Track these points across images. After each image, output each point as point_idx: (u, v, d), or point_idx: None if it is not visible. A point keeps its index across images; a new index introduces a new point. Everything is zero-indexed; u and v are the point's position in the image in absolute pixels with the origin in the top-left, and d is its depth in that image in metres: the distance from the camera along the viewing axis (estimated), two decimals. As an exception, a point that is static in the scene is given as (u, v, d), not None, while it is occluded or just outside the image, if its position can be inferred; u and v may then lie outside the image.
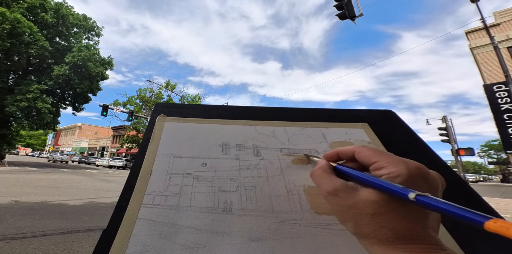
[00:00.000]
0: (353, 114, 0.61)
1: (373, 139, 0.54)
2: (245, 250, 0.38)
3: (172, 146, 0.54)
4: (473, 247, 0.38)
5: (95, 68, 16.52)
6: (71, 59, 15.34)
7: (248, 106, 0.67)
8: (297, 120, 0.63)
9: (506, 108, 9.87)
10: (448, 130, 11.01)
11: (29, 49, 14.09)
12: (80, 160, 28.49)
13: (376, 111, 0.63)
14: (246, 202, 0.46)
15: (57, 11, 15.99)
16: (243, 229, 0.41)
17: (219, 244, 0.39)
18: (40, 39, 14.33)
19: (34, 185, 7.12)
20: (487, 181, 42.16)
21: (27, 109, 14.23)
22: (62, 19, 16.40)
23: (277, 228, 0.42)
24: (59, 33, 16.71)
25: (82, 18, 17.90)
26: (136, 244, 0.37)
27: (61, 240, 2.93)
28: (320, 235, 0.40)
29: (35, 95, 14.22)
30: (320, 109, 0.64)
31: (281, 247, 0.39)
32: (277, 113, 0.66)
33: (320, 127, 0.60)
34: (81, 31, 18.36)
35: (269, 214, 0.44)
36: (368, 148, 0.29)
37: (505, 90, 9.73)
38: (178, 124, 0.60)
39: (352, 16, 6.98)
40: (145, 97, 24.26)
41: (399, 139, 0.55)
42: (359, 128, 0.57)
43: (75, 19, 17.24)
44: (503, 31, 10.98)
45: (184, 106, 0.68)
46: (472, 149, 11.47)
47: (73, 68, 15.79)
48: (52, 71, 15.77)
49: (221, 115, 0.65)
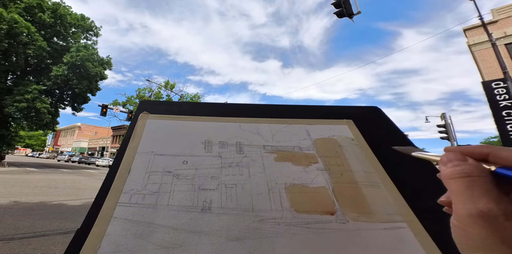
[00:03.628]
0: (339, 111, 0.61)
1: (357, 135, 0.53)
2: (222, 250, 0.38)
3: (153, 144, 0.53)
4: None
5: (93, 68, 16.49)
6: (69, 59, 15.30)
7: (233, 104, 0.66)
8: (282, 117, 0.62)
9: (505, 105, 9.85)
10: (447, 127, 11.00)
11: (27, 49, 14.05)
12: (80, 160, 28.58)
13: (362, 107, 0.62)
14: (226, 201, 0.45)
15: (55, 11, 15.92)
16: (222, 228, 0.41)
17: (195, 244, 0.39)
18: (38, 40, 14.28)
19: (34, 186, 7.13)
20: None
21: (26, 109, 14.21)
22: (60, 19, 16.33)
23: (257, 227, 0.41)
24: (57, 33, 16.66)
25: (80, 18, 17.83)
26: (109, 243, 0.37)
27: (60, 241, 2.93)
28: (299, 234, 0.39)
29: (34, 95, 14.19)
30: (306, 106, 0.63)
31: (259, 246, 0.38)
32: (263, 110, 0.65)
33: (305, 123, 0.59)
34: (79, 31, 18.30)
35: (249, 213, 0.43)
36: (509, 149, 0.21)
37: (503, 87, 9.70)
38: (161, 122, 0.59)
39: (350, 14, 6.95)
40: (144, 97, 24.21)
41: (384, 135, 0.54)
42: (343, 124, 0.57)
43: (73, 19, 17.17)
44: (501, 28, 10.94)
45: (169, 104, 0.67)
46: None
47: (72, 68, 15.75)
48: (50, 71, 15.73)
49: (206, 112, 0.64)
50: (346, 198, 0.43)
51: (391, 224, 0.39)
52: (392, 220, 0.39)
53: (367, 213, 0.40)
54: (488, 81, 10.48)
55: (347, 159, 0.49)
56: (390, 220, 0.39)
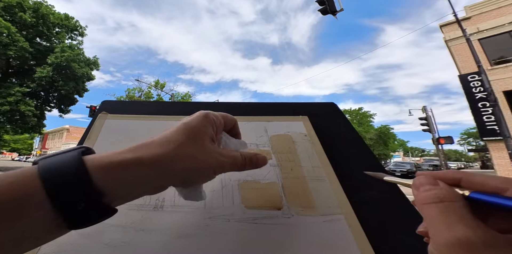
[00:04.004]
0: (298, 107, 0.61)
1: (310, 131, 0.54)
2: (170, 247, 0.38)
3: (108, 145, 0.52)
4: None
5: (80, 69, 15.93)
6: (54, 60, 14.72)
7: (198, 102, 0.66)
8: (243, 114, 0.62)
9: (480, 97, 10.27)
10: (428, 119, 11.35)
11: (7, 50, 13.40)
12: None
13: (319, 104, 0.63)
14: (179, 199, 0.45)
15: (36, 11, 15.21)
16: (172, 226, 0.41)
17: (144, 242, 0.38)
18: (20, 40, 13.64)
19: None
20: (468, 168, 43.74)
21: (9, 113, 13.62)
22: (42, 19, 15.63)
23: (207, 224, 0.41)
24: (40, 33, 15.95)
25: (64, 17, 17.11)
26: (51, 244, 0.36)
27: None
28: (247, 229, 0.40)
29: (17, 98, 13.61)
30: (265, 104, 0.64)
31: (207, 243, 0.38)
32: (225, 108, 0.65)
33: (264, 120, 0.59)
34: (63, 31, 17.58)
35: (200, 210, 0.43)
36: (481, 174, 0.21)
37: (478, 80, 10.11)
38: (121, 122, 0.58)
39: (333, 11, 7.02)
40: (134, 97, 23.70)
41: (337, 131, 0.56)
42: (299, 120, 0.57)
43: (56, 19, 16.46)
44: (474, 24, 11.38)
45: (133, 103, 0.66)
46: (451, 137, 11.89)
47: (57, 69, 15.17)
48: (34, 73, 15.10)
49: (171, 111, 0.64)
50: (293, 192, 0.43)
51: (330, 216, 0.40)
52: (331, 212, 0.40)
53: (311, 207, 0.41)
54: (464, 74, 10.90)
55: (299, 154, 0.50)
56: (330, 213, 0.40)
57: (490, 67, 10.63)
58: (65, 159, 0.23)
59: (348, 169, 0.47)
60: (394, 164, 19.25)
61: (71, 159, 0.23)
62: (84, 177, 0.22)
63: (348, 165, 0.48)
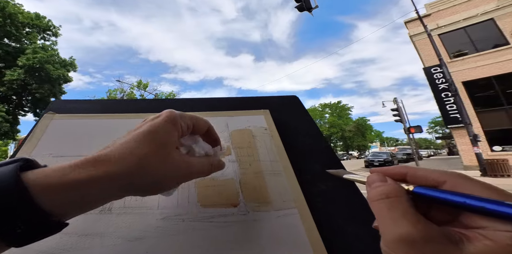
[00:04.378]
0: (260, 101, 0.59)
1: (270, 125, 0.52)
2: (117, 252, 0.34)
3: (53, 145, 0.46)
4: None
5: (55, 71, 14.88)
6: (25, 62, 13.61)
7: (156, 99, 0.62)
8: (207, 110, 0.58)
9: (443, 88, 10.90)
10: (399, 110, 11.88)
11: (-28, 53, 12.21)
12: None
13: (281, 97, 0.61)
14: (130, 200, 0.40)
15: (2, 10, 13.90)
16: (120, 229, 0.36)
17: (86, 247, 0.34)
18: (-15, 42, 12.46)
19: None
20: (437, 155, 46.51)
21: (-21, 119, 12.52)
22: (10, 19, 14.32)
23: (159, 225, 0.38)
24: (8, 34, 14.63)
25: (34, 17, 15.80)
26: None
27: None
28: (201, 229, 0.37)
29: (-14, 103, 12.52)
30: (228, 98, 0.60)
31: (158, 245, 0.35)
32: (187, 104, 0.60)
33: (226, 115, 0.56)
34: (34, 31, 16.25)
35: (153, 211, 0.39)
36: (423, 168, 0.21)
37: (440, 72, 10.71)
38: (70, 122, 0.52)
39: (308, 8, 7.07)
40: (115, 98, 22.63)
41: (297, 124, 0.54)
42: (260, 114, 0.55)
43: (26, 18, 15.16)
44: (434, 20, 12.04)
45: (84, 102, 0.60)
46: (420, 127, 12.54)
47: (29, 71, 14.06)
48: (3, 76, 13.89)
49: (126, 109, 0.58)
50: (250, 188, 0.41)
51: (284, 211, 0.38)
52: (286, 207, 0.38)
53: (266, 202, 0.39)
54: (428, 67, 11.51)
55: (258, 149, 0.47)
56: (284, 207, 0.38)
57: (449, 60, 11.30)
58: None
59: (306, 162, 0.45)
60: (372, 154, 19.71)
61: (6, 177, 0.19)
62: (24, 200, 0.19)
63: (306, 158, 0.46)
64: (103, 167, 0.22)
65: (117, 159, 0.23)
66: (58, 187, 0.20)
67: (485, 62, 10.61)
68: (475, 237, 0.15)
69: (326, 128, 43.79)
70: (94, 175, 0.21)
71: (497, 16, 10.65)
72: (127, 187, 0.24)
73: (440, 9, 12.05)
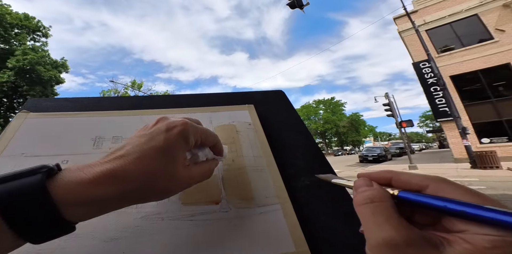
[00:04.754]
0: (244, 96, 0.57)
1: (255, 119, 0.50)
2: (91, 253, 0.32)
3: (26, 145, 0.44)
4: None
5: (46, 72, 14.50)
6: (15, 64, 13.22)
7: (138, 96, 0.59)
8: (189, 106, 0.56)
9: (432, 82, 11.06)
10: (391, 105, 11.99)
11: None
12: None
13: (267, 92, 0.59)
14: None
15: (-11, 11, 13.44)
16: (96, 230, 0.34)
17: (60, 248, 0.32)
18: (-29, 43, 12.03)
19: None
20: (428, 148, 47.29)
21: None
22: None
23: (137, 224, 0.36)
24: (-5, 35, 14.17)
25: (23, 17, 15.30)
26: None
27: None
28: (182, 228, 0.35)
29: (-24, 106, 12.14)
30: (211, 94, 0.58)
31: (136, 245, 0.33)
32: (170, 101, 0.58)
33: (210, 111, 0.54)
34: (23, 32, 15.75)
35: (131, 210, 0.37)
36: (406, 172, 0.21)
37: (428, 67, 10.86)
38: (44, 120, 0.49)
39: (300, 5, 7.04)
40: (109, 98, 22.22)
41: (282, 119, 0.52)
42: (245, 109, 0.53)
43: (14, 19, 14.69)
44: (421, 16, 12.22)
45: (63, 100, 0.57)
46: (411, 121, 12.70)
47: (20, 73, 13.66)
48: (-7, 78, 13.48)
49: (106, 107, 0.56)
50: (233, 185, 0.39)
51: (267, 207, 0.36)
52: (268, 203, 0.37)
53: (249, 199, 0.37)
54: (417, 62, 11.65)
55: (241, 144, 0.45)
56: (267, 204, 0.37)
57: (437, 55, 11.46)
58: (26, 189, 0.20)
59: (290, 157, 0.44)
60: (366, 149, 19.75)
61: (35, 193, 0.20)
62: (51, 214, 0.21)
63: (290, 153, 0.45)
64: (119, 185, 0.24)
65: (131, 179, 0.24)
66: (81, 202, 0.22)
67: (471, 56, 10.79)
68: (455, 241, 0.15)
69: (320, 124, 44.04)
70: (110, 193, 0.23)
71: (480, 12, 10.84)
72: (134, 200, 0.26)
73: (426, 5, 12.19)
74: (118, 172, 0.24)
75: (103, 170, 0.23)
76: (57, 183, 0.21)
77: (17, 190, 0.20)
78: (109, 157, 0.25)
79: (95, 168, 0.23)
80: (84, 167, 0.24)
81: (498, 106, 10.23)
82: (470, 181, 6.08)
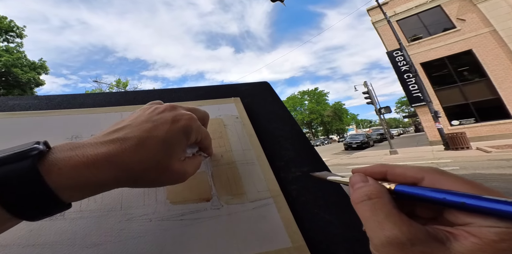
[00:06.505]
0: (230, 89, 0.53)
1: (241, 112, 0.47)
2: None
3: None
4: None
5: (24, 75, 13.44)
6: (-11, 67, 12.14)
7: (116, 92, 0.53)
8: (174, 100, 0.52)
9: (405, 69, 11.40)
10: (369, 93, 12.27)
11: None
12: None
13: (252, 84, 0.55)
14: (87, 202, 0.34)
15: (-49, 10, 12.05)
16: (75, 236, 0.30)
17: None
18: None
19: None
20: (405, 133, 49.28)
21: None
22: (-37, 20, 12.50)
23: (122, 227, 0.32)
24: (-37, 37, 12.83)
25: (-9, 17, 13.89)
26: None
27: None
28: (171, 228, 0.32)
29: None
30: (196, 88, 0.54)
31: (121, 250, 0.29)
32: (154, 96, 0.53)
33: (195, 105, 0.50)
34: (-6, 33, 14.36)
35: (115, 213, 0.33)
36: (400, 165, 0.19)
37: (401, 55, 11.18)
38: (11, 121, 0.43)
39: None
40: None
41: (268, 110, 0.49)
42: (231, 102, 0.49)
43: (-19, 19, 13.31)
44: (392, 8, 12.46)
45: (32, 98, 0.50)
46: (389, 107, 13.10)
47: (-5, 76, 12.59)
48: (-34, 82, 12.35)
49: (83, 104, 0.50)
50: (223, 181, 0.36)
51: (259, 202, 0.34)
52: (260, 197, 0.35)
53: (240, 194, 0.35)
54: (390, 51, 11.95)
55: (229, 138, 0.42)
56: (259, 198, 0.34)
57: (408, 44, 11.79)
58: (19, 174, 0.18)
59: (279, 148, 0.41)
60: (350, 136, 19.86)
61: (30, 178, 0.18)
62: (47, 198, 0.19)
63: (279, 145, 0.42)
64: (114, 171, 0.22)
65: (126, 166, 0.23)
66: (75, 186, 0.20)
67: (437, 44, 11.19)
68: (461, 235, 0.14)
69: (306, 114, 44.52)
70: (105, 178, 0.22)
71: (443, 3, 11.23)
72: (127, 185, 0.25)
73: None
74: (113, 158, 0.22)
75: (98, 154, 0.21)
76: (49, 167, 0.19)
77: (6, 178, 0.17)
78: (106, 138, 0.23)
79: (89, 150, 0.21)
80: (77, 146, 0.21)
81: (464, 89, 10.76)
82: (445, 162, 6.21)
